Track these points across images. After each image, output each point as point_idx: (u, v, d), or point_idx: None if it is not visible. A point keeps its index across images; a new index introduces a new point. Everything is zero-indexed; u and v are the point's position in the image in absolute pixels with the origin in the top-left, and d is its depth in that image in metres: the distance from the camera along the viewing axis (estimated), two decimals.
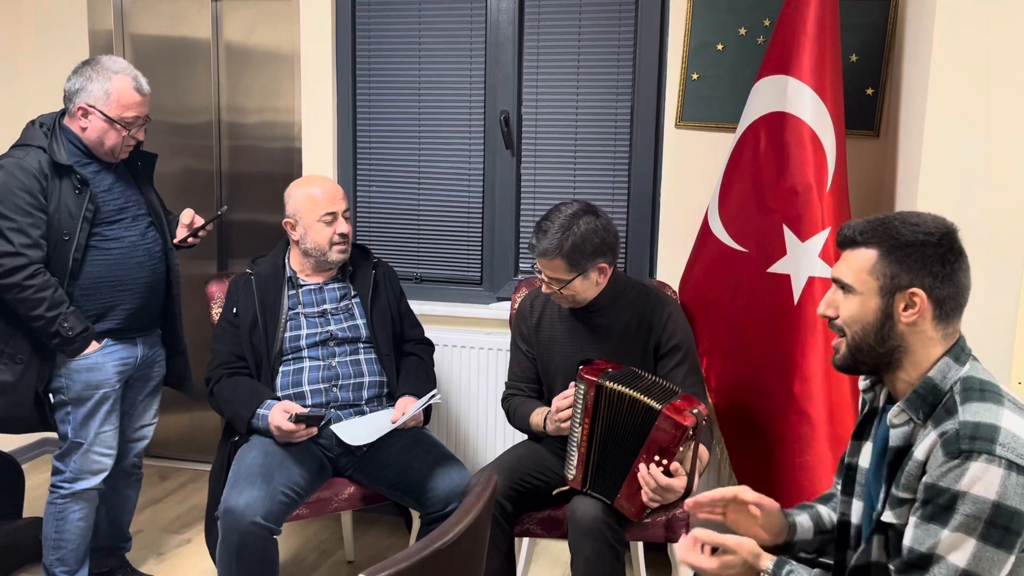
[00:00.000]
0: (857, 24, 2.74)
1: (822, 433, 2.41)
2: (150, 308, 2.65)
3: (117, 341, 2.58)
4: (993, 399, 1.43)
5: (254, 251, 3.03)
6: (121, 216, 2.56)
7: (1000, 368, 2.27)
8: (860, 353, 1.54)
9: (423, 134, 3.28)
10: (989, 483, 1.35)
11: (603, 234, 2.34)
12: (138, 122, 2.53)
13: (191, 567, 3.01)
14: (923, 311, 1.48)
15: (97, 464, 2.59)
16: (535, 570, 3.00)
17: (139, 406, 2.76)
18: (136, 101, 2.50)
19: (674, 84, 2.95)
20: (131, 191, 2.62)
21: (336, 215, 2.64)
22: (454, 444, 3.20)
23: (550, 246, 2.31)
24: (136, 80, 2.51)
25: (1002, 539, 1.36)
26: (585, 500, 2.25)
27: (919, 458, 1.46)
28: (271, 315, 2.62)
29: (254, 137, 3.56)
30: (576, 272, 2.33)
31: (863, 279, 1.52)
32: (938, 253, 1.48)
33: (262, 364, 2.59)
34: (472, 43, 3.19)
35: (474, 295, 3.32)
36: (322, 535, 3.28)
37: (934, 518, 1.40)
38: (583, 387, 2.25)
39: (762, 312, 2.55)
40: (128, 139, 2.53)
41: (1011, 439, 1.37)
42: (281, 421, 2.42)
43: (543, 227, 2.34)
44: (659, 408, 2.13)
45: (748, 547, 1.59)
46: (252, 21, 3.48)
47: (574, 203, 2.38)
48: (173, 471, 3.78)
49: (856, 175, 2.70)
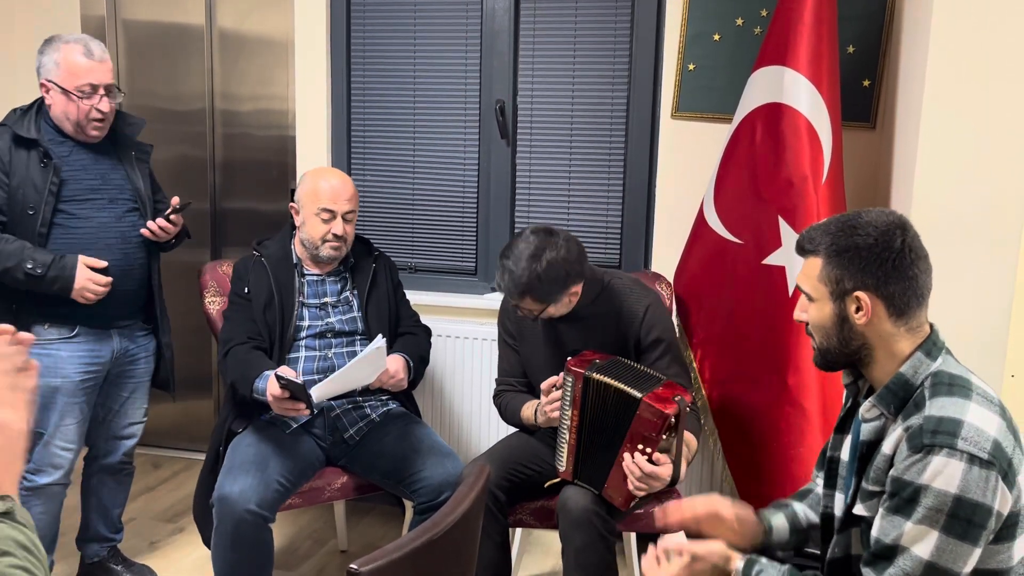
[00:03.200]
0: (854, 15, 2.74)
1: (816, 425, 2.41)
2: (124, 296, 2.57)
3: (91, 330, 2.53)
4: (961, 393, 1.45)
5: (247, 239, 3.02)
6: (94, 196, 2.51)
7: (993, 361, 2.28)
8: (829, 355, 1.58)
9: (418, 123, 3.27)
10: (950, 476, 1.37)
11: (566, 265, 2.27)
12: (97, 91, 2.44)
13: (183, 556, 3.01)
14: (873, 311, 1.50)
15: (58, 458, 2.53)
16: (528, 560, 3.00)
17: (126, 403, 2.71)
18: (85, 67, 2.41)
19: (670, 74, 2.94)
20: (115, 174, 2.57)
21: (335, 214, 2.59)
22: (447, 434, 3.20)
23: (515, 291, 2.28)
24: (86, 46, 2.42)
25: (965, 532, 1.38)
26: (576, 490, 2.25)
27: (887, 452, 1.49)
28: (287, 294, 2.59)
29: (248, 125, 3.54)
30: (548, 303, 2.32)
31: (815, 286, 1.55)
32: (874, 254, 1.49)
33: (274, 346, 2.56)
34: (468, 31, 3.17)
35: (468, 285, 3.31)
36: (315, 524, 3.28)
37: (899, 510, 1.43)
38: (571, 379, 2.25)
39: (757, 303, 2.55)
40: (92, 112, 2.45)
41: (974, 433, 1.39)
42: (273, 387, 2.33)
43: (506, 267, 2.28)
44: (639, 396, 2.13)
45: (718, 551, 1.61)
46: (246, 7, 3.46)
47: (531, 236, 2.29)
48: (166, 460, 3.77)
49: (852, 167, 2.70)
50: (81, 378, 2.54)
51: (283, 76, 3.45)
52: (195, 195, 3.60)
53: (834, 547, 1.61)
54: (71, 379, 2.52)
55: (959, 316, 2.26)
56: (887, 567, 1.43)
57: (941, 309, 1.87)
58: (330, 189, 2.61)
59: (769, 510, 1.78)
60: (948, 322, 1.68)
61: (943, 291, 1.92)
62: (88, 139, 2.52)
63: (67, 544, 2.92)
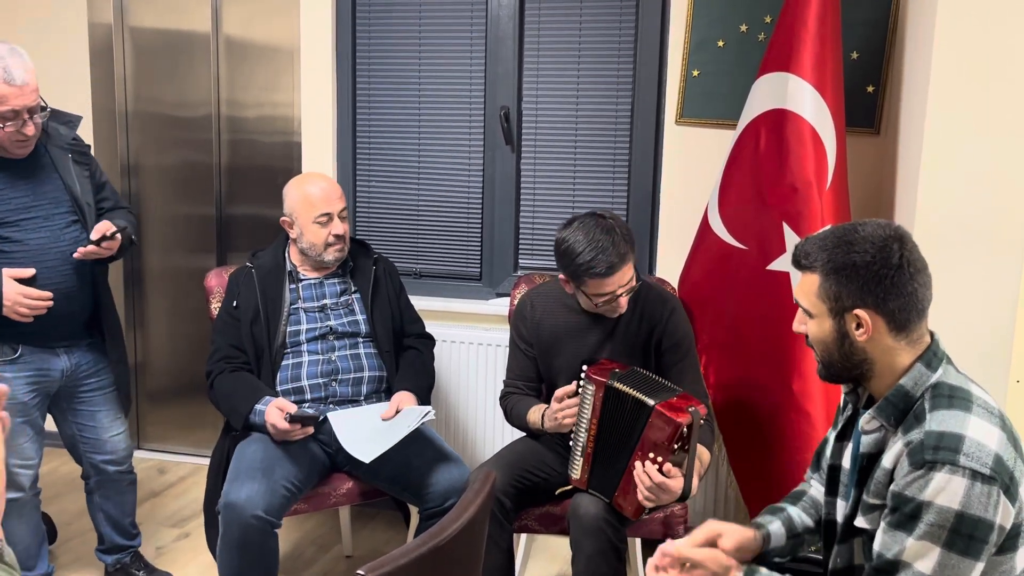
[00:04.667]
0: (858, 21, 2.74)
1: (821, 431, 2.41)
2: (71, 317, 2.46)
3: (35, 349, 2.44)
4: (961, 405, 1.44)
5: (253, 245, 3.03)
6: (26, 216, 2.36)
7: (998, 366, 2.28)
8: (832, 368, 1.57)
9: (423, 129, 3.28)
10: (952, 493, 1.37)
11: (630, 231, 2.33)
12: (20, 116, 2.26)
13: (189, 561, 3.01)
14: (874, 327, 1.49)
15: (19, 476, 2.48)
16: (533, 566, 3.00)
17: (98, 417, 2.63)
18: (6, 94, 2.22)
19: (675, 80, 2.94)
20: (48, 186, 2.41)
21: (332, 216, 2.60)
22: (453, 440, 3.20)
23: (625, 250, 2.24)
24: (5, 70, 2.22)
25: (967, 547, 1.38)
26: (588, 498, 2.26)
27: (887, 466, 1.48)
28: (273, 308, 2.61)
29: (253, 131, 3.55)
30: (634, 267, 2.32)
31: (813, 302, 1.54)
32: (871, 271, 1.47)
33: (263, 357, 2.58)
34: (472, 38, 3.18)
35: (473, 291, 3.31)
36: (320, 530, 3.28)
37: (900, 526, 1.42)
38: (591, 387, 2.24)
39: (761, 309, 2.55)
40: (16, 135, 2.29)
41: (976, 448, 1.38)
42: (277, 420, 2.39)
43: (599, 244, 2.22)
44: (652, 404, 2.13)
45: (718, 560, 1.59)
46: (252, 14, 3.47)
47: (588, 219, 2.29)
48: (171, 465, 3.77)
49: (856, 173, 2.70)
50: (29, 397, 2.46)
51: (289, 83, 3.46)
52: (201, 201, 3.62)
53: (836, 557, 1.61)
54: (18, 399, 2.42)
55: (963, 322, 2.26)
56: None
57: (945, 315, 1.87)
58: (320, 193, 2.61)
59: (765, 516, 1.77)
60: (952, 328, 1.68)
61: (947, 297, 1.92)
62: (12, 156, 2.35)
63: (88, 553, 2.93)
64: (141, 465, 2.87)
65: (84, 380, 2.60)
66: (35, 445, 2.53)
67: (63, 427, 2.68)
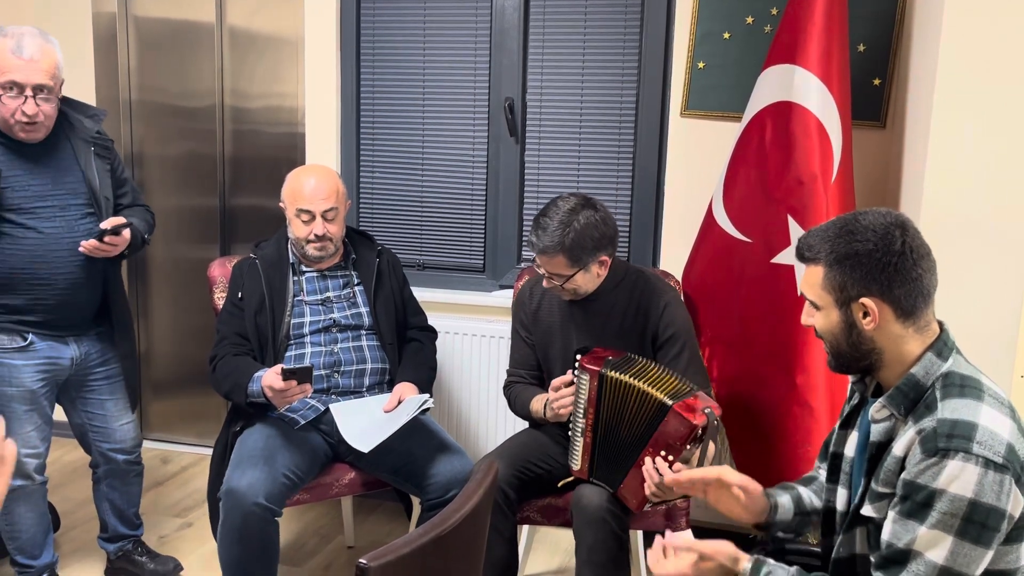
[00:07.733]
0: (865, 14, 2.73)
1: (824, 424, 2.41)
2: (79, 307, 2.49)
3: (44, 337, 2.46)
4: (973, 395, 1.44)
5: (256, 236, 3.03)
6: (42, 204, 2.38)
7: (1003, 360, 2.27)
8: (841, 359, 1.57)
9: (427, 121, 3.27)
10: (966, 481, 1.37)
11: (602, 227, 2.32)
12: (23, 92, 2.26)
13: (191, 550, 3.02)
14: (881, 315, 1.49)
15: (24, 465, 2.50)
16: (535, 557, 3.00)
17: (108, 405, 2.66)
18: (10, 64, 2.24)
19: (680, 72, 2.93)
20: (68, 177, 2.43)
21: (314, 215, 2.56)
22: (456, 432, 3.20)
23: (550, 243, 2.28)
24: (18, 42, 2.24)
25: (979, 535, 1.38)
26: (591, 488, 2.26)
27: (898, 454, 1.48)
28: (278, 298, 2.60)
29: (257, 121, 3.55)
30: (577, 267, 2.32)
31: (819, 294, 1.54)
32: (874, 259, 1.47)
33: (266, 348, 2.58)
34: (477, 29, 3.17)
35: (476, 283, 3.31)
36: (322, 520, 3.29)
37: (912, 515, 1.42)
38: (585, 377, 2.25)
39: (765, 303, 2.54)
40: (17, 113, 2.28)
41: (988, 436, 1.38)
42: (273, 381, 2.32)
43: (541, 223, 2.30)
44: (670, 404, 2.13)
45: (726, 551, 1.59)
46: (256, 4, 3.46)
47: (571, 197, 2.34)
48: (174, 455, 3.78)
49: (862, 166, 2.69)
50: (39, 385, 2.48)
51: (293, 73, 3.46)
52: (205, 191, 3.62)
53: (839, 547, 1.61)
54: (28, 387, 2.45)
55: (969, 315, 2.25)
56: (900, 571, 1.42)
57: (951, 308, 1.86)
58: (308, 189, 2.58)
59: (775, 490, 1.78)
60: (958, 321, 1.67)
61: (953, 290, 1.91)
62: (26, 139, 2.36)
63: (91, 542, 2.95)
64: (145, 455, 2.87)
65: (94, 369, 2.61)
66: (42, 433, 2.54)
67: (72, 416, 2.69)
